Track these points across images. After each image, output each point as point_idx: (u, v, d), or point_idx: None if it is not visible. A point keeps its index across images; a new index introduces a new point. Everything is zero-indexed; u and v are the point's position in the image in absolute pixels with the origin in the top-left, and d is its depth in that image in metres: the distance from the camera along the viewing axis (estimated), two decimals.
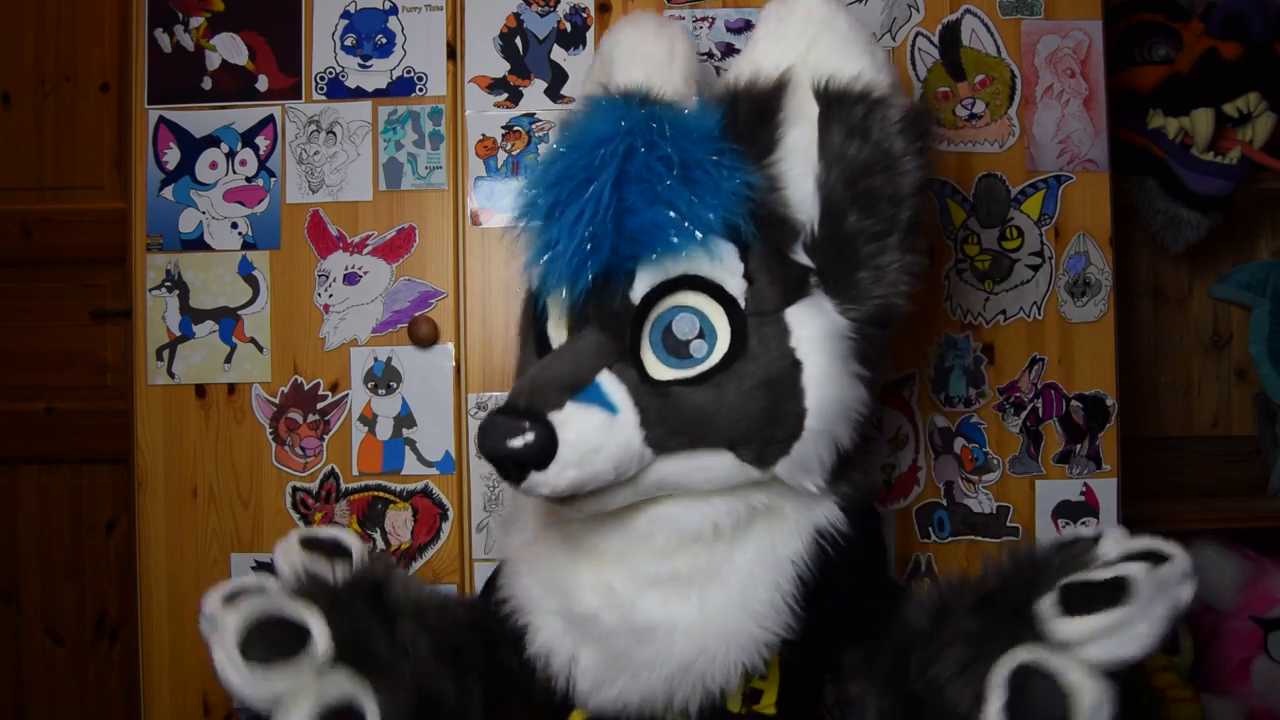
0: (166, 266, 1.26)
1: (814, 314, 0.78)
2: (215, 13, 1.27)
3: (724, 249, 0.77)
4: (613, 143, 0.75)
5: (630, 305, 0.78)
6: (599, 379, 0.76)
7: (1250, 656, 1.48)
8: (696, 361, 0.77)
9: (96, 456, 1.71)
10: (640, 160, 0.75)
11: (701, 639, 0.76)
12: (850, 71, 0.79)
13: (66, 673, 1.75)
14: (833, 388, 0.77)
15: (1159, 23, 1.50)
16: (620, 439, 0.74)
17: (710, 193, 0.75)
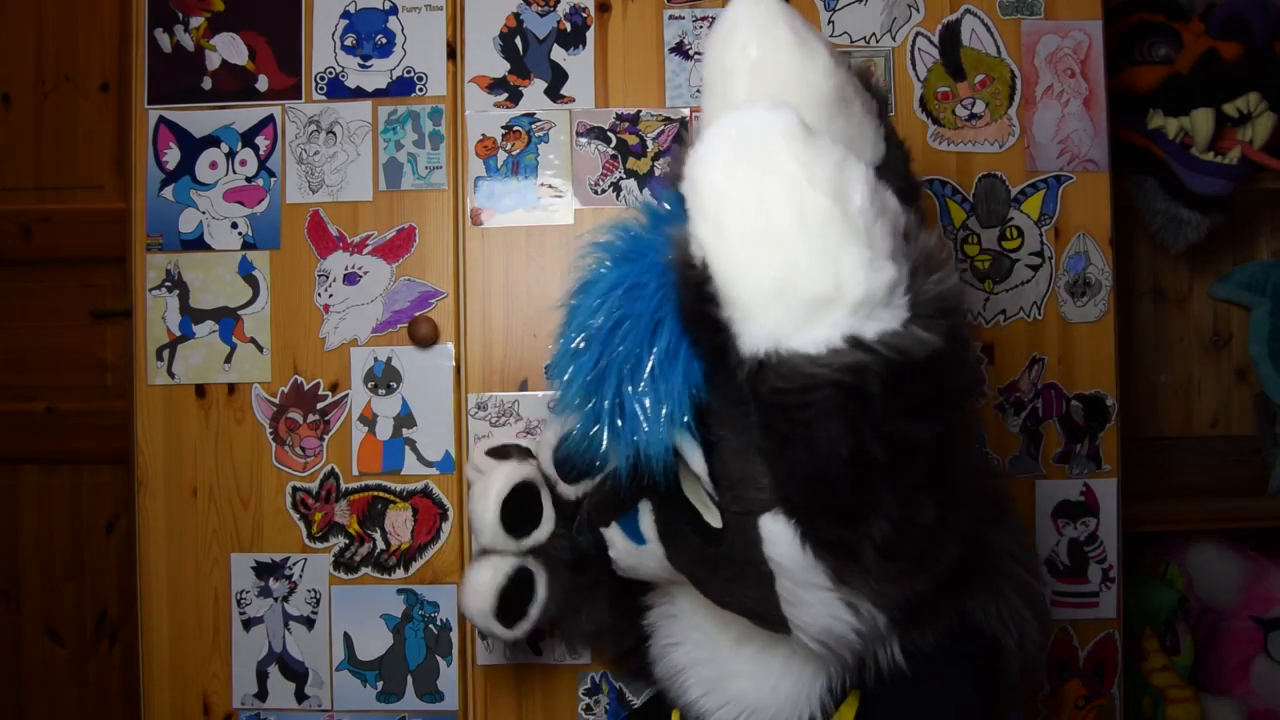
0: (166, 266, 1.26)
1: (783, 534, 0.67)
2: (215, 13, 1.27)
3: (686, 445, 0.70)
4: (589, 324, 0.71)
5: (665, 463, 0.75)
6: (639, 508, 0.81)
7: (1250, 656, 1.48)
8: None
9: (96, 456, 1.71)
10: (594, 356, 0.70)
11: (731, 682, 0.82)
12: (762, 315, 0.58)
13: (66, 673, 1.75)
14: (809, 613, 0.69)
15: (1159, 23, 1.50)
16: (650, 563, 0.82)
17: (658, 388, 0.67)
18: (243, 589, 1.24)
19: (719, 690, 0.82)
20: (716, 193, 0.56)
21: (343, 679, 1.23)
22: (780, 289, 0.55)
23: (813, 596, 0.67)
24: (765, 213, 0.54)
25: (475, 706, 1.23)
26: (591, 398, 0.70)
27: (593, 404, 0.70)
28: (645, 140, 1.25)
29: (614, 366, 0.68)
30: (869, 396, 0.55)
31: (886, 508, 0.60)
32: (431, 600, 1.22)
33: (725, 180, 0.55)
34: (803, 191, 0.54)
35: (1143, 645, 1.43)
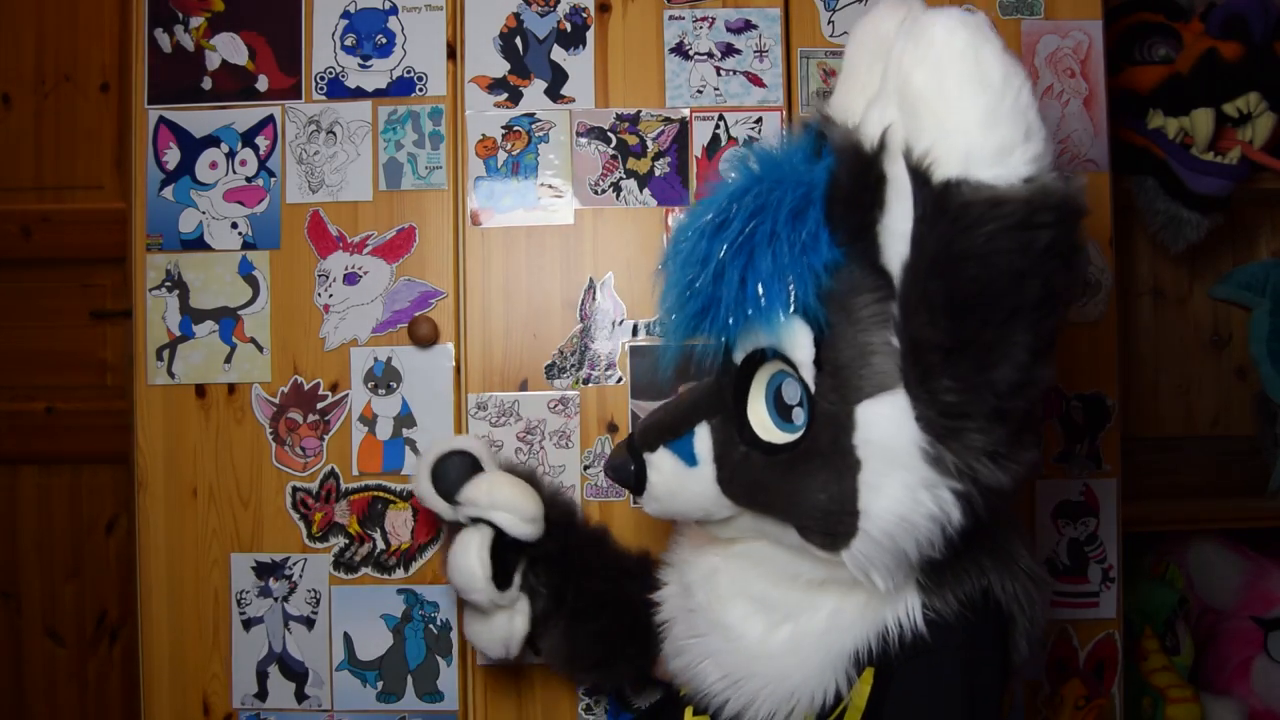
0: (166, 266, 1.26)
1: (887, 414, 0.71)
2: (215, 13, 1.27)
3: (797, 330, 0.75)
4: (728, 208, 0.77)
5: (733, 365, 0.81)
6: (695, 430, 0.83)
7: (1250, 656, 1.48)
8: (795, 428, 0.77)
9: (96, 456, 1.72)
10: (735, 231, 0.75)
11: (751, 665, 0.82)
12: (953, 148, 0.64)
13: (66, 673, 1.75)
14: (889, 498, 0.71)
15: (1159, 23, 1.50)
16: (696, 489, 0.83)
17: (785, 270, 0.73)
18: (243, 589, 1.24)
19: (740, 671, 0.82)
20: (937, 42, 0.64)
21: (343, 679, 1.23)
22: (984, 124, 0.63)
23: (897, 479, 0.71)
24: (980, 65, 0.64)
25: (475, 706, 1.23)
26: (716, 277, 0.75)
27: (714, 283, 0.76)
28: (645, 140, 1.25)
29: (749, 243, 0.74)
30: (1039, 226, 0.63)
31: (1017, 355, 0.65)
32: (431, 600, 1.23)
33: (946, 35, 0.64)
34: (1007, 60, 0.64)
35: (1143, 645, 1.43)
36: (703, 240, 0.77)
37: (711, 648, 0.85)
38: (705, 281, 0.76)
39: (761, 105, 1.25)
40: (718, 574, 0.87)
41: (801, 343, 0.75)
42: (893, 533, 0.72)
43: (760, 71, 1.25)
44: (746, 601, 0.84)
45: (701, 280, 0.76)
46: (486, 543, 0.97)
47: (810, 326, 0.74)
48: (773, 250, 0.73)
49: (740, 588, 0.85)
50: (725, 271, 0.75)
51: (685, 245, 0.78)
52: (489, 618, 1.02)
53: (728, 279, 0.75)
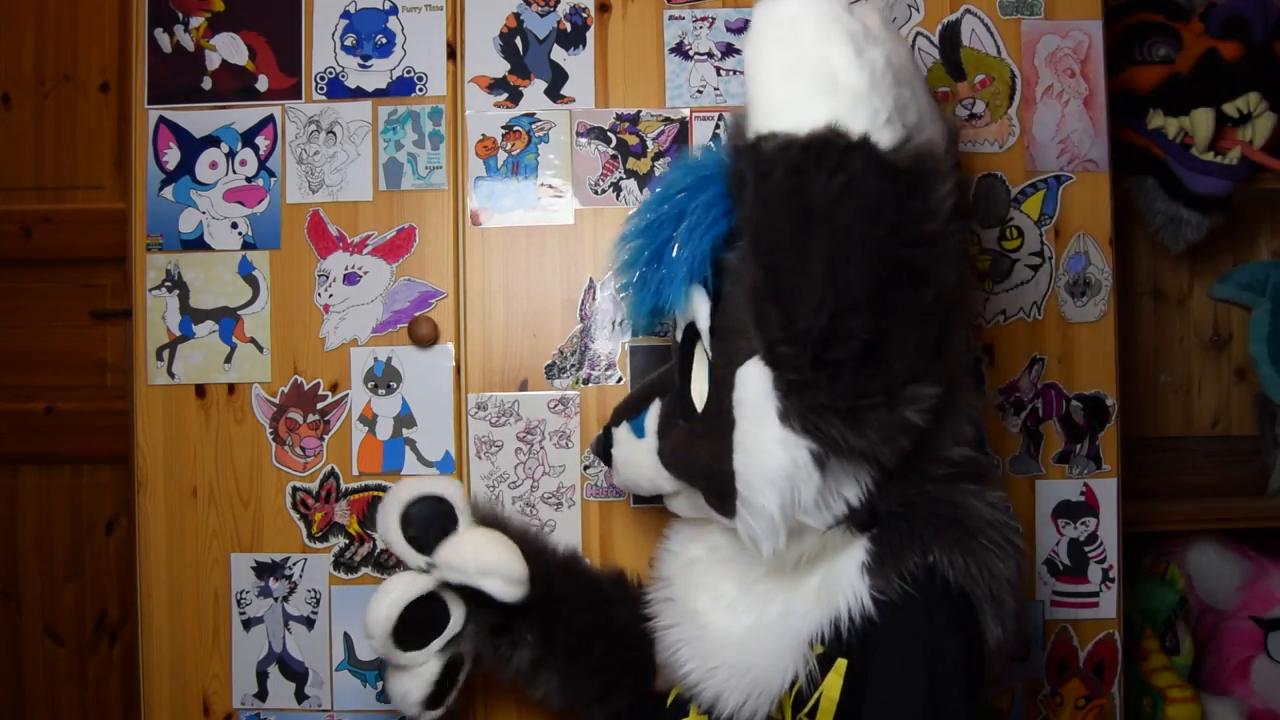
0: (166, 266, 1.26)
1: (754, 373, 0.76)
2: (215, 13, 1.27)
3: (700, 300, 0.83)
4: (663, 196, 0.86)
5: (676, 343, 0.90)
6: (649, 407, 0.92)
7: (1250, 656, 1.48)
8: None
9: (96, 456, 1.72)
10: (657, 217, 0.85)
11: (718, 654, 0.86)
12: (753, 102, 0.69)
13: (66, 673, 1.75)
14: (752, 454, 0.75)
15: (1159, 23, 1.50)
16: (643, 460, 0.91)
17: (687, 244, 0.81)
18: (243, 589, 1.24)
19: (710, 659, 0.86)
20: (765, 14, 0.68)
21: (343, 679, 1.23)
22: (783, 78, 0.66)
23: (760, 436, 0.74)
24: (794, 28, 0.66)
25: (475, 707, 1.23)
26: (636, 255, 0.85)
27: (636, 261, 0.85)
28: (645, 140, 1.25)
29: (660, 223, 0.83)
30: (825, 168, 0.64)
31: (818, 299, 0.67)
32: None
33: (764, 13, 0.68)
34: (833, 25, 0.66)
35: (1143, 645, 1.43)
36: (640, 224, 0.86)
37: (684, 635, 0.89)
38: (639, 262, 0.85)
39: None
40: (695, 565, 0.93)
41: (702, 311, 0.83)
42: (758, 490, 0.75)
43: None
44: (714, 595, 0.89)
45: (637, 262, 0.86)
46: (407, 598, 0.97)
47: (709, 296, 0.82)
48: (686, 227, 0.81)
49: (710, 581, 0.90)
50: (645, 251, 0.84)
51: (629, 231, 0.88)
52: (396, 671, 1.00)
53: (648, 257, 0.84)
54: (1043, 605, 1.26)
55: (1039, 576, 1.26)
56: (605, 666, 1.03)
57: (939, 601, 0.78)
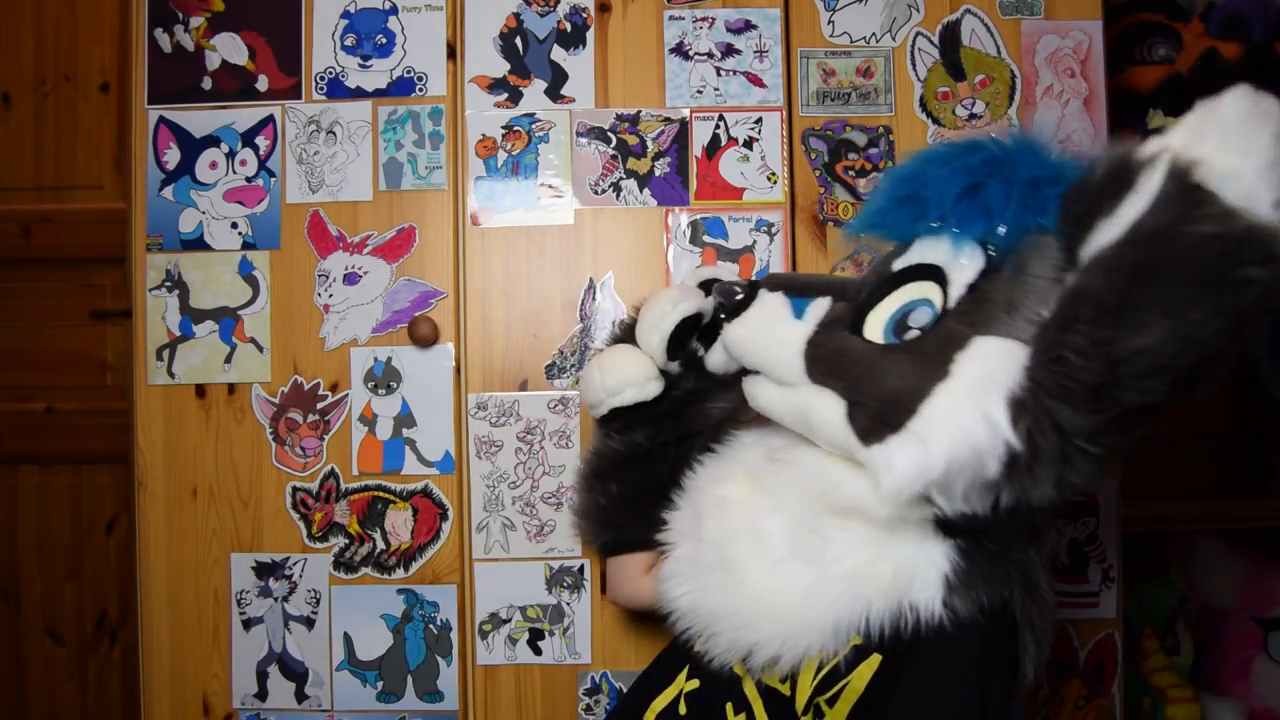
0: (166, 266, 1.26)
1: (1001, 350, 0.75)
2: (215, 13, 1.27)
3: (973, 256, 0.80)
4: (985, 144, 0.83)
5: (888, 270, 0.85)
6: (817, 298, 0.87)
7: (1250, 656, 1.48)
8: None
9: (96, 456, 1.72)
10: (979, 160, 0.82)
11: (763, 598, 0.83)
12: (1223, 164, 0.68)
13: (66, 673, 1.75)
14: (952, 414, 0.73)
15: (1159, 23, 1.50)
16: (784, 337, 0.85)
17: (1004, 209, 0.79)
18: (243, 589, 1.24)
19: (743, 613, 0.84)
20: (1248, 96, 0.70)
21: (343, 679, 1.23)
22: (1257, 161, 0.67)
23: (971, 403, 0.73)
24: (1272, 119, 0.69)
25: (475, 706, 1.23)
26: (939, 180, 0.81)
27: (932, 184, 0.82)
28: (645, 140, 1.25)
29: (986, 174, 0.80)
30: (1249, 258, 0.65)
31: (1156, 347, 0.67)
32: (431, 600, 1.23)
33: (1257, 98, 0.70)
34: None
35: (1143, 645, 1.43)
36: (952, 152, 0.83)
37: (713, 582, 0.86)
38: (926, 179, 0.82)
39: (761, 105, 1.25)
40: (729, 506, 0.89)
41: (970, 266, 0.80)
42: (935, 441, 0.73)
43: (760, 71, 1.25)
44: (756, 545, 0.85)
45: (925, 176, 0.82)
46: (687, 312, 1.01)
47: (985, 259, 0.79)
48: (1006, 191, 0.79)
49: (750, 522, 0.87)
50: (952, 179, 0.80)
51: (935, 150, 0.85)
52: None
53: (949, 187, 0.80)
54: None
55: None
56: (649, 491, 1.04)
57: (1004, 636, 0.82)
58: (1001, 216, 0.78)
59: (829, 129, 1.26)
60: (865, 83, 1.26)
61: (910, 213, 0.83)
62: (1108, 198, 0.73)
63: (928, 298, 0.81)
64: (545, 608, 1.22)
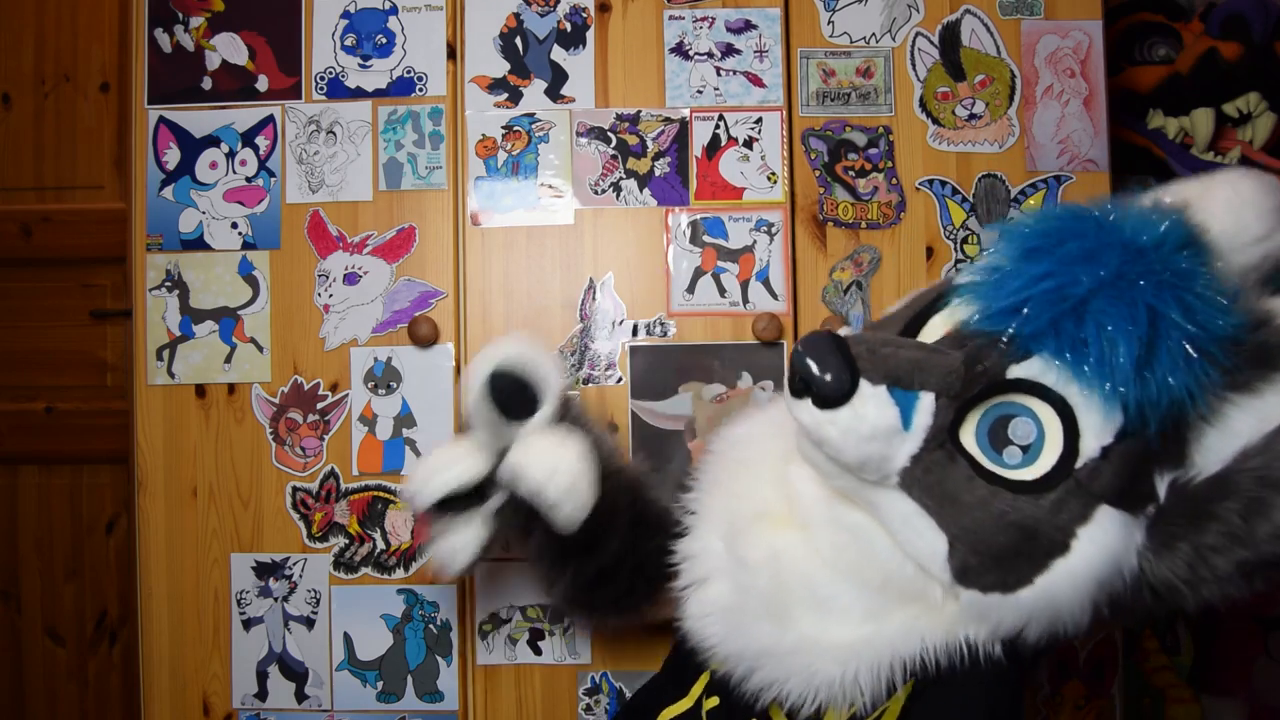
0: (166, 266, 1.26)
1: (1120, 530, 0.72)
2: (215, 13, 1.27)
3: (1114, 416, 0.71)
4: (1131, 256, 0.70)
5: (1001, 374, 0.73)
6: (921, 394, 0.73)
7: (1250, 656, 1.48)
8: (1000, 463, 0.73)
9: (96, 456, 1.71)
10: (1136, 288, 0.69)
11: (800, 651, 0.79)
12: None
13: (66, 673, 1.75)
14: (1067, 592, 0.72)
15: (1159, 23, 1.50)
16: (886, 450, 0.73)
17: (1166, 373, 0.69)
18: (243, 589, 1.24)
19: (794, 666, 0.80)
20: None
21: (343, 679, 1.23)
22: None
23: (1086, 585, 0.72)
24: None
25: (475, 706, 1.23)
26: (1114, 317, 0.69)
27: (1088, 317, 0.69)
28: (645, 140, 1.25)
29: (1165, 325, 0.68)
30: None
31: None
32: (431, 600, 1.23)
33: None
34: None
35: (1143, 645, 1.43)
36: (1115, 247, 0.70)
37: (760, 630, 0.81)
38: (1099, 314, 0.69)
39: (761, 105, 1.25)
40: (780, 556, 0.81)
41: (1109, 426, 0.71)
42: (1041, 614, 0.73)
43: (760, 71, 1.25)
44: (816, 598, 0.80)
45: (1099, 312, 0.69)
46: (460, 482, 0.93)
47: (1123, 417, 0.70)
48: (1185, 355, 0.69)
49: (806, 579, 0.80)
50: (1127, 338, 0.68)
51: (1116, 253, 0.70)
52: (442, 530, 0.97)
53: (1125, 343, 0.68)
54: None
55: None
56: (619, 593, 0.99)
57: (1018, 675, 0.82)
58: (1168, 383, 0.69)
59: (829, 129, 1.26)
60: (865, 83, 1.26)
61: (1052, 343, 0.71)
62: (1252, 378, 0.71)
63: (1032, 409, 0.73)
64: (545, 608, 1.22)
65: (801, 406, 0.74)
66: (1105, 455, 0.71)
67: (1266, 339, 0.72)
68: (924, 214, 1.25)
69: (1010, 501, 0.72)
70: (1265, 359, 0.72)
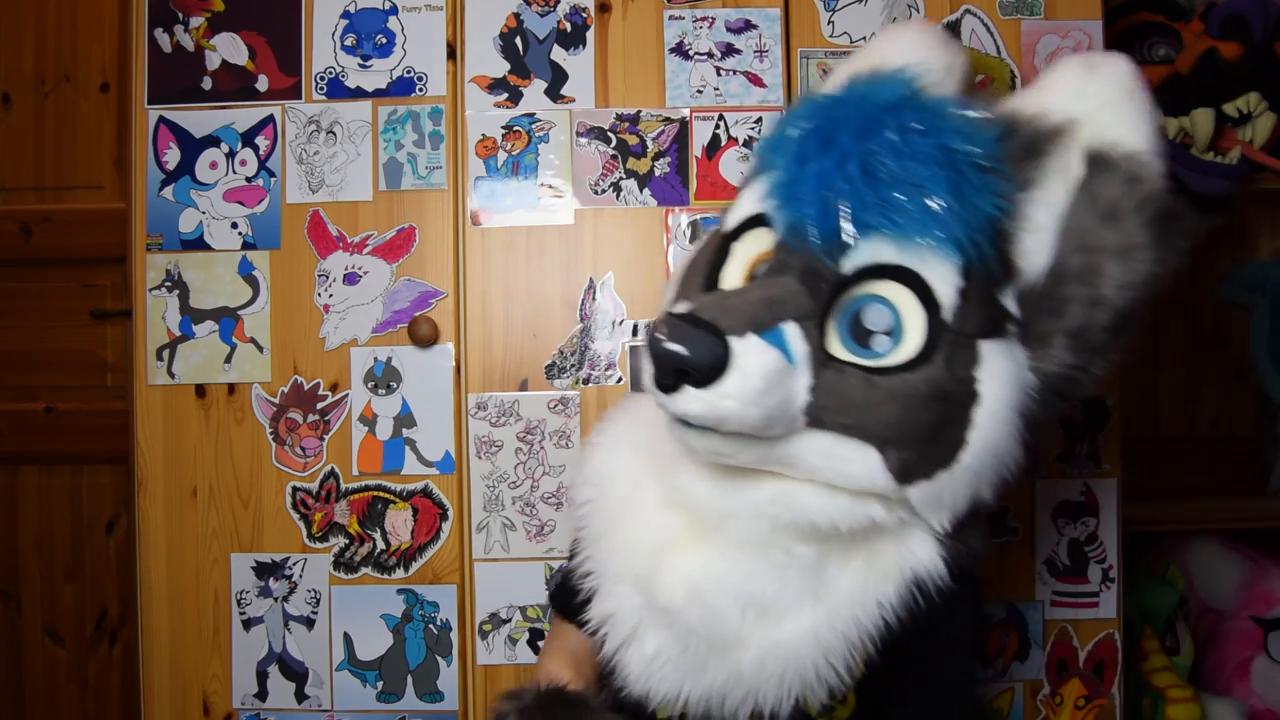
0: (166, 266, 1.26)
1: (1006, 357, 0.75)
2: (215, 13, 1.27)
3: (952, 258, 0.73)
4: (887, 112, 0.74)
5: (839, 273, 0.74)
6: (784, 327, 0.72)
7: (1250, 656, 1.48)
8: (875, 355, 0.74)
9: (96, 456, 1.72)
10: (909, 140, 0.73)
11: (767, 660, 0.76)
12: (1130, 146, 0.77)
13: (66, 673, 1.75)
14: (998, 433, 0.74)
15: (1159, 23, 1.50)
16: (786, 392, 0.71)
17: (973, 200, 0.73)
18: (243, 589, 1.24)
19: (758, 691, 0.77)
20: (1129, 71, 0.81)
21: (343, 679, 1.23)
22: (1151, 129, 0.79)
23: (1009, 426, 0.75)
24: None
25: (475, 706, 1.23)
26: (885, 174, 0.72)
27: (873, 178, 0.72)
28: (645, 140, 1.25)
29: (930, 159, 0.72)
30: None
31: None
32: (431, 600, 1.23)
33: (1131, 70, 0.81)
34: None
35: (1143, 645, 1.43)
36: (873, 115, 0.74)
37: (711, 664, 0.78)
38: (905, 176, 0.72)
39: (761, 105, 1.25)
40: (704, 584, 0.77)
41: (953, 269, 0.73)
42: (986, 464, 0.74)
43: (760, 71, 1.25)
44: (748, 606, 0.76)
45: (906, 173, 0.72)
46: None
47: (960, 256, 0.73)
48: (959, 175, 0.72)
49: (738, 594, 0.76)
50: (898, 174, 0.71)
51: (845, 112, 0.75)
52: None
53: (934, 186, 0.71)
54: (1043, 605, 1.26)
55: (1039, 576, 1.26)
56: None
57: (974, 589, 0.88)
58: (978, 206, 0.73)
59: None
60: None
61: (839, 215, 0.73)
62: (1026, 172, 0.77)
63: (877, 293, 0.74)
64: (545, 608, 1.22)
65: (682, 398, 0.69)
66: (963, 296, 0.74)
67: (1025, 133, 0.78)
68: None
69: (909, 381, 0.72)
70: (1032, 150, 0.78)
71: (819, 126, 0.75)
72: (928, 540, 0.78)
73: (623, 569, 0.82)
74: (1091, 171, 0.77)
